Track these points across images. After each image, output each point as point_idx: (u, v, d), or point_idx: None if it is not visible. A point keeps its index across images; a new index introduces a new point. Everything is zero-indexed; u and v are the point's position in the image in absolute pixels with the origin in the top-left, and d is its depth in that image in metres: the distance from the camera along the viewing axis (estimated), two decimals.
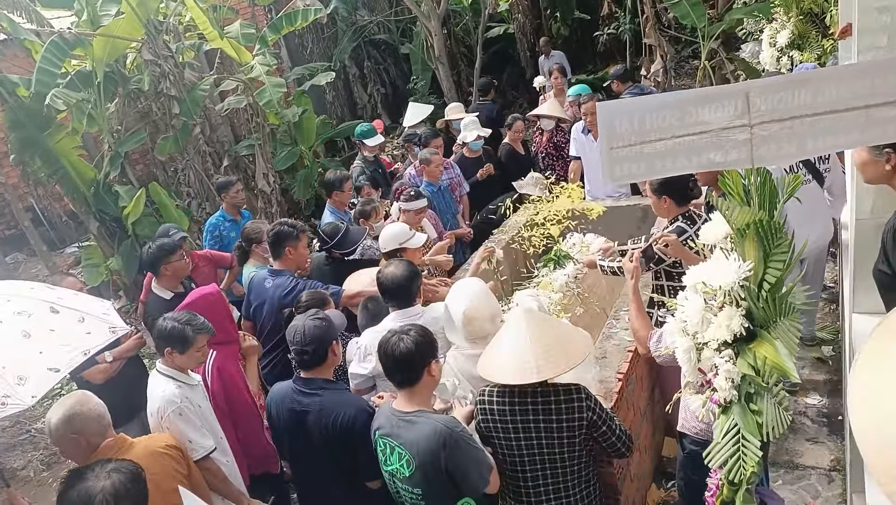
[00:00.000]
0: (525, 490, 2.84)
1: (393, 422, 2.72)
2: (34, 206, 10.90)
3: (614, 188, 6.18)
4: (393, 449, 2.71)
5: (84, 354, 2.89)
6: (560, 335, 2.78)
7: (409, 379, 2.69)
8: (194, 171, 8.59)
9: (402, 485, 2.73)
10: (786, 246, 1.98)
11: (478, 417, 2.85)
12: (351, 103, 14.84)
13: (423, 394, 2.74)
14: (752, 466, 1.91)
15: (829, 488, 3.89)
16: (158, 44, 7.89)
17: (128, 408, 4.62)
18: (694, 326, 2.14)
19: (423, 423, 2.62)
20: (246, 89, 8.69)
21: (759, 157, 1.97)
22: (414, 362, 2.66)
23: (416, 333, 2.70)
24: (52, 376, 2.71)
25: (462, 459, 2.57)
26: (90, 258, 8.46)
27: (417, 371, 2.68)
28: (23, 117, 7.50)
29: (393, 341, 2.67)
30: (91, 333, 2.99)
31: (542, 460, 2.77)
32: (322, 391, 3.03)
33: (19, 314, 2.80)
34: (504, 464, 2.83)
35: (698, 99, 1.96)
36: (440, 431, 2.57)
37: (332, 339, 3.08)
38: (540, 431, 2.71)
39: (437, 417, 2.69)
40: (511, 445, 2.77)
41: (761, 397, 1.97)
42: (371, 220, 5.31)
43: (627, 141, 2.02)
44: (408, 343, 2.65)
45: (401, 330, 2.73)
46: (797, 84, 1.94)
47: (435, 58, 12.00)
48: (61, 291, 3.25)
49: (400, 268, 3.47)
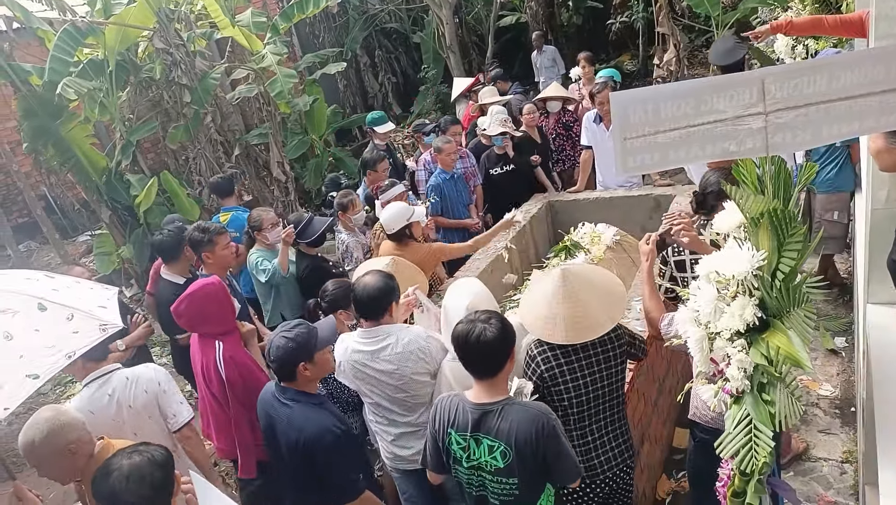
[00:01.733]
0: (590, 428, 2.96)
1: (476, 415, 2.55)
2: (47, 195, 10.99)
3: (626, 178, 6.14)
4: (480, 442, 2.55)
5: (67, 358, 2.71)
6: (605, 284, 2.99)
7: (494, 369, 2.54)
8: (205, 160, 8.61)
9: (492, 478, 2.58)
10: (800, 235, 1.96)
11: (539, 369, 2.87)
12: (362, 92, 14.83)
13: (502, 384, 2.61)
14: (764, 457, 1.90)
15: (840, 480, 3.87)
16: (170, 32, 7.90)
17: None
18: (706, 316, 2.13)
19: (518, 410, 2.52)
20: (257, 78, 8.69)
21: (774, 146, 1.95)
22: (498, 352, 2.52)
23: (498, 319, 2.55)
24: (29, 384, 2.53)
25: (558, 446, 2.51)
26: (102, 246, 8.51)
27: (502, 361, 2.54)
28: (35, 106, 7.54)
29: (478, 330, 2.49)
30: (78, 333, 2.82)
31: (603, 395, 2.92)
32: (294, 403, 2.95)
33: (3, 312, 2.64)
34: (570, 408, 2.90)
35: (713, 87, 1.94)
36: (538, 417, 2.49)
37: (298, 360, 2.91)
38: (601, 368, 2.88)
39: (529, 403, 2.62)
40: (578, 386, 2.87)
41: (774, 387, 1.96)
42: (349, 213, 5.33)
43: (641, 131, 2.00)
44: (493, 332, 2.48)
45: (483, 318, 2.54)
46: (813, 71, 1.92)
47: (446, 47, 11.96)
48: (62, 280, 3.10)
49: (376, 279, 3.23)
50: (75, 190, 10.10)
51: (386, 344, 3.15)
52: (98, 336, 2.88)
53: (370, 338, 3.19)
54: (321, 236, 4.96)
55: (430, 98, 13.88)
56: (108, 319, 2.96)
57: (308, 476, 2.96)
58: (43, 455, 2.59)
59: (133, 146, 8.20)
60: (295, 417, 2.92)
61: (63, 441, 2.59)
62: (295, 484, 3.01)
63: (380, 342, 3.16)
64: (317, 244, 4.97)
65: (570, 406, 2.90)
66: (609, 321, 2.84)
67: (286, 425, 2.95)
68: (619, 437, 3.03)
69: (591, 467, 2.96)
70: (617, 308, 2.91)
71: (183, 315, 3.66)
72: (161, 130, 8.54)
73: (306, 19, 10.14)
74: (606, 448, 2.99)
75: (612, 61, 12.72)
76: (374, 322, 3.21)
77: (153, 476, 2.18)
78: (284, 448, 2.98)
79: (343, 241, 5.36)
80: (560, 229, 5.63)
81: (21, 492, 2.56)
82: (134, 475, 2.14)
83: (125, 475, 2.13)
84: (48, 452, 2.58)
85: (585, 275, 3.03)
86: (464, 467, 2.62)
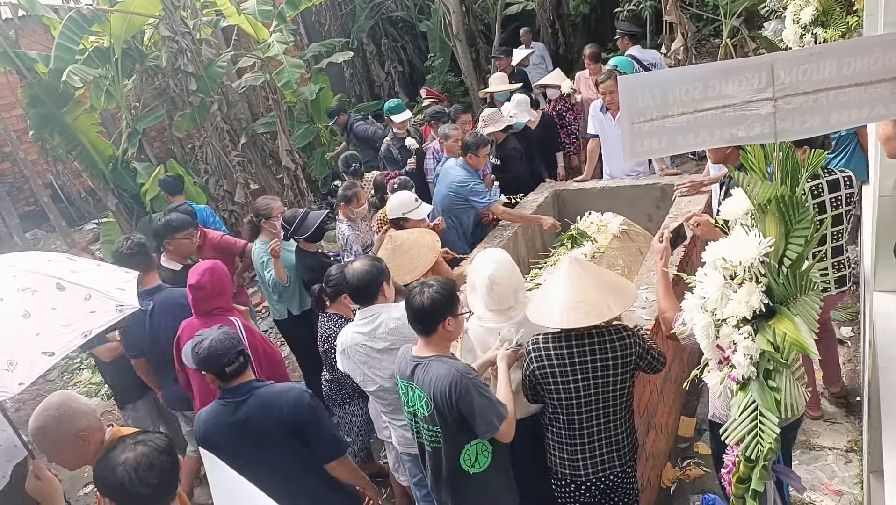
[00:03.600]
0: (579, 431, 2.96)
1: (412, 366, 2.87)
2: (53, 183, 11.02)
3: (632, 167, 6.12)
4: (413, 390, 2.87)
5: (83, 336, 2.73)
6: (612, 279, 3.01)
7: (427, 330, 2.84)
8: (212, 149, 8.62)
9: (422, 424, 2.90)
10: (808, 222, 1.95)
11: (532, 365, 2.92)
12: (368, 81, 14.78)
13: (439, 344, 2.88)
14: (770, 443, 1.90)
15: (845, 469, 3.87)
16: (175, 20, 7.88)
17: (137, 387, 4.66)
18: (713, 303, 2.12)
19: (438, 367, 2.77)
20: (263, 67, 8.68)
21: (782, 131, 1.95)
22: (428, 316, 2.80)
23: (435, 289, 2.81)
24: (45, 360, 2.55)
25: (472, 404, 2.69)
26: (109, 234, 8.52)
27: (432, 325, 2.82)
28: (42, 94, 7.54)
29: (413, 293, 2.83)
30: (95, 313, 2.84)
31: (596, 400, 2.90)
32: (252, 392, 3.01)
33: (23, 291, 2.67)
34: (559, 408, 2.93)
35: (722, 72, 1.94)
36: (452, 375, 2.71)
37: (222, 363, 2.95)
38: (597, 370, 2.85)
39: (453, 362, 2.82)
40: (568, 388, 2.88)
41: (780, 374, 1.96)
42: (352, 205, 5.32)
43: (649, 116, 1.99)
44: (425, 298, 2.79)
45: (424, 284, 2.85)
46: (822, 56, 1.90)
47: (453, 35, 11.89)
48: (82, 262, 3.13)
49: (364, 264, 3.37)
50: (82, 178, 10.14)
51: (379, 322, 3.29)
52: (115, 316, 2.90)
53: (365, 318, 3.34)
54: (319, 230, 4.86)
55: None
56: (124, 301, 2.97)
57: (300, 445, 3.01)
58: (54, 441, 2.59)
59: (139, 134, 8.21)
60: (263, 397, 3.00)
61: (74, 428, 2.59)
62: (293, 460, 3.04)
63: (373, 321, 3.31)
64: (314, 239, 4.90)
65: (560, 406, 2.93)
66: (608, 310, 2.77)
67: (260, 410, 2.98)
68: (613, 444, 2.97)
69: (575, 469, 2.99)
70: (620, 299, 2.85)
71: (205, 286, 3.80)
72: (167, 118, 8.54)
73: (312, 7, 10.13)
74: (595, 453, 2.97)
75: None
76: (369, 305, 3.35)
77: (162, 462, 2.18)
78: (265, 435, 2.98)
79: (343, 233, 5.34)
80: (566, 218, 5.62)
81: (40, 470, 2.58)
82: (143, 464, 2.14)
83: (133, 467, 2.12)
84: (59, 439, 2.57)
85: (594, 266, 3.08)
86: (408, 412, 2.98)
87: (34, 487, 2.58)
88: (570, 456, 2.98)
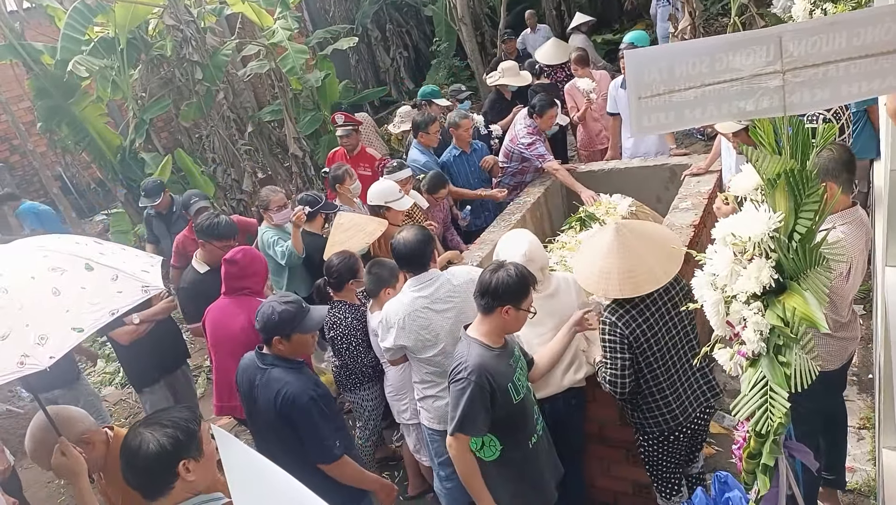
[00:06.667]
0: (678, 378, 3.09)
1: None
2: (62, 175, 11.06)
3: (653, 147, 6.14)
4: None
5: (111, 315, 2.82)
6: (661, 240, 3.07)
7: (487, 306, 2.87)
8: (219, 138, 8.62)
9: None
10: (817, 196, 1.93)
11: (623, 333, 2.95)
12: (374, 67, 14.74)
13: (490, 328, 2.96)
14: (780, 418, 1.89)
15: (857, 446, 3.86)
16: (180, 9, 7.87)
17: (154, 370, 4.71)
18: (723, 279, 2.11)
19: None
20: (268, 54, 8.65)
21: (791, 105, 1.92)
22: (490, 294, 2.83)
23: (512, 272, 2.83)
24: (74, 336, 2.64)
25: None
26: (118, 225, 8.58)
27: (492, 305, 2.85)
28: (48, 85, 7.57)
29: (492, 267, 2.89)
30: (122, 293, 2.92)
31: (681, 343, 3.07)
32: (271, 367, 3.05)
33: (53, 270, 2.75)
34: (655, 365, 3.02)
35: (729, 45, 1.91)
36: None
37: (275, 333, 3.01)
38: (673, 317, 3.03)
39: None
40: (659, 344, 3.00)
41: (790, 349, 1.95)
42: (346, 184, 5.34)
43: (656, 90, 1.97)
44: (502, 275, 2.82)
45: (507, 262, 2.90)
46: (832, 28, 1.87)
47: (458, 19, 11.81)
48: (109, 245, 3.21)
49: (413, 233, 3.42)
50: (90, 169, 10.17)
51: (439, 284, 3.38)
52: (140, 297, 2.97)
53: (422, 283, 3.39)
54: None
55: (442, 71, 13.78)
56: (150, 282, 3.04)
57: (284, 437, 3.02)
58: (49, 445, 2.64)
59: (146, 124, 8.22)
60: (272, 378, 3.01)
61: (76, 432, 2.70)
62: (283, 444, 3.06)
63: (432, 284, 3.38)
64: None
65: (657, 360, 3.02)
66: (664, 275, 2.89)
67: (264, 386, 3.03)
68: (703, 376, 3.18)
69: (683, 411, 3.11)
70: (673, 262, 2.95)
71: (239, 262, 3.90)
72: (174, 108, 8.54)
73: None
74: (694, 388, 3.13)
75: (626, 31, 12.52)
76: (423, 271, 3.41)
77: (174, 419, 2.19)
78: (262, 408, 3.04)
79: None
80: (575, 200, 5.60)
81: (66, 447, 2.63)
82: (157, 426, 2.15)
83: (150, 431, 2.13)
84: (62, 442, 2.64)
85: (640, 229, 3.12)
86: (522, 394, 2.93)
87: (59, 464, 2.62)
88: (677, 402, 3.09)
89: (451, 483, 3.64)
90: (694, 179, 5.21)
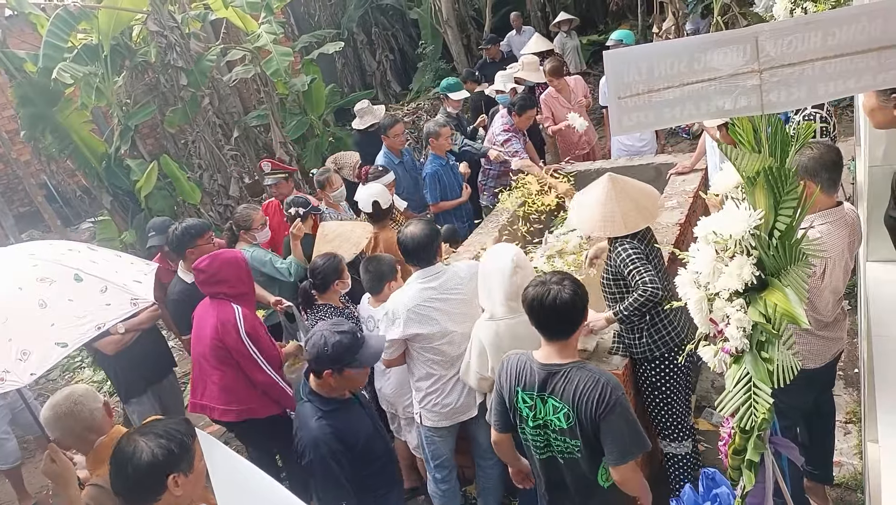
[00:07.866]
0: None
1: (543, 375, 2.58)
2: (47, 183, 10.99)
3: (643, 142, 6.20)
4: (546, 401, 2.59)
5: (97, 329, 2.79)
6: (643, 185, 3.45)
7: (568, 331, 2.57)
8: (205, 143, 8.60)
9: (556, 437, 2.63)
10: (796, 193, 1.96)
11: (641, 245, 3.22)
12: (360, 71, 14.74)
13: (574, 346, 2.65)
14: (763, 413, 1.91)
15: (844, 440, 3.89)
16: (163, 14, 7.85)
17: (141, 380, 4.65)
18: (706, 277, 2.13)
19: (584, 376, 2.52)
20: (253, 59, 8.64)
21: (768, 104, 1.94)
22: (573, 313, 2.53)
23: (571, 281, 2.56)
24: (58, 351, 2.60)
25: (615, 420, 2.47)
26: (105, 232, 8.54)
27: (577, 322, 2.57)
28: (31, 93, 7.52)
29: (554, 292, 2.50)
30: (110, 305, 2.89)
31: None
32: (306, 402, 2.92)
33: (41, 281, 2.71)
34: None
35: (707, 44, 1.93)
36: (603, 387, 2.48)
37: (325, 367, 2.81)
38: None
39: (596, 369, 2.59)
40: (658, 267, 3.28)
41: (772, 345, 1.97)
42: (328, 190, 5.33)
43: (635, 90, 1.99)
44: (568, 293, 2.50)
45: (556, 280, 2.55)
46: (807, 27, 1.89)
47: (443, 21, 11.85)
48: (103, 252, 3.16)
49: (419, 227, 3.47)
50: (76, 177, 10.11)
51: (447, 276, 3.45)
52: (129, 310, 2.95)
53: (430, 276, 3.45)
54: None
55: (428, 74, 13.79)
56: (140, 294, 3.01)
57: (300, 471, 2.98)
58: (71, 421, 2.66)
59: (131, 131, 8.19)
60: (300, 413, 2.92)
61: (88, 407, 2.68)
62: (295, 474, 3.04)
63: (440, 277, 3.45)
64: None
65: (661, 280, 3.17)
66: (653, 214, 3.32)
67: (297, 417, 2.97)
68: None
69: (684, 327, 3.33)
70: (656, 204, 3.37)
71: (205, 270, 3.84)
72: (159, 114, 8.53)
73: None
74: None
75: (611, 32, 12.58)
76: (430, 264, 3.47)
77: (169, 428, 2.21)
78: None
79: (329, 218, 5.33)
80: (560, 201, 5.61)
81: (55, 453, 2.62)
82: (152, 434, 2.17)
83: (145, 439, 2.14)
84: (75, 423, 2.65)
85: (626, 180, 3.41)
86: (530, 426, 2.66)
87: (49, 470, 2.62)
88: (676, 318, 3.33)
89: (445, 485, 3.64)
90: (679, 178, 5.24)
